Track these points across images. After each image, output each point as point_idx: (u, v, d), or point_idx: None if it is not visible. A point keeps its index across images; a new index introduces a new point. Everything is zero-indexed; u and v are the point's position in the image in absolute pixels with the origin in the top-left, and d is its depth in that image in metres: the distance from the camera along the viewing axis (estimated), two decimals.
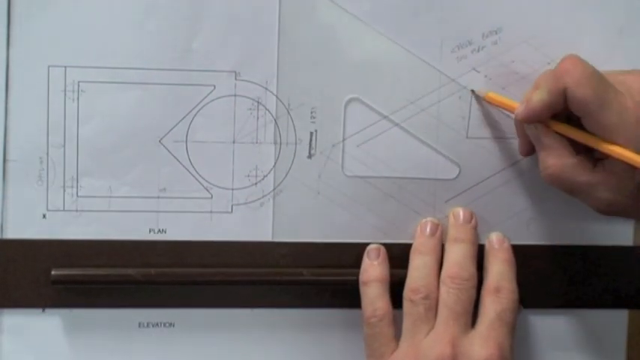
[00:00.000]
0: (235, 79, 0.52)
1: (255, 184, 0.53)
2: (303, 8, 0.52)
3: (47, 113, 0.51)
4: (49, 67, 0.51)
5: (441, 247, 0.53)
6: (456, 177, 0.54)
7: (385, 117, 0.54)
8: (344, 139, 0.53)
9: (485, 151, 0.54)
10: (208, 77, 0.52)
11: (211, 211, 0.53)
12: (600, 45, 0.55)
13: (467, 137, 0.54)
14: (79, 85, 0.51)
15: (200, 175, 0.53)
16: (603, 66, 0.54)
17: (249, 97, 0.53)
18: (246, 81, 0.52)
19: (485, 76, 0.54)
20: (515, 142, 0.54)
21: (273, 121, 0.53)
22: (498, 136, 0.54)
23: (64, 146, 0.51)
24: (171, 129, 0.52)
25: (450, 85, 0.54)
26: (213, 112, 0.52)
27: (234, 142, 0.53)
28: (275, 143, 0.53)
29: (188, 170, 0.53)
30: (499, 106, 0.53)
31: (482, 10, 0.53)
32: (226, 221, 0.53)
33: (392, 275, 0.52)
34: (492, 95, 0.53)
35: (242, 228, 0.53)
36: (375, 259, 0.53)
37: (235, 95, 0.52)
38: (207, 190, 0.53)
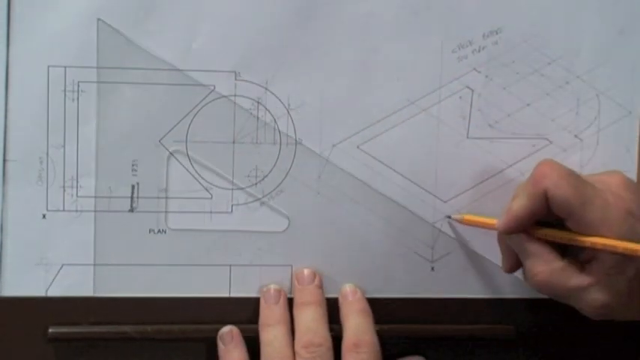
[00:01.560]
0: (235, 79, 0.52)
1: (255, 184, 0.53)
2: (302, 8, 0.52)
3: (47, 113, 0.51)
4: (49, 67, 0.51)
5: (288, 314, 0.52)
6: (456, 177, 0.54)
7: (385, 117, 0.54)
8: (344, 140, 0.53)
9: (486, 151, 0.54)
10: (208, 77, 0.52)
11: (211, 211, 0.53)
12: (600, 45, 0.55)
13: (467, 137, 0.54)
14: (79, 85, 0.51)
15: (200, 175, 0.53)
16: (603, 66, 0.54)
17: (249, 97, 0.52)
18: (246, 81, 0.52)
19: (486, 76, 0.54)
20: (515, 143, 0.54)
21: (273, 121, 0.53)
22: (499, 136, 0.54)
23: (64, 146, 0.51)
24: (172, 129, 0.52)
25: (451, 85, 0.54)
26: (213, 112, 0.52)
27: (234, 142, 0.53)
28: (275, 143, 0.53)
29: (188, 170, 0.52)
30: (478, 226, 0.53)
31: (483, 10, 0.53)
32: (226, 221, 0.53)
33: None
34: (469, 217, 0.53)
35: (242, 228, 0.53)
36: (229, 343, 0.52)
37: (235, 95, 0.52)
38: (207, 190, 0.53)
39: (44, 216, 0.52)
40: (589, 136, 0.55)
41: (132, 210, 0.52)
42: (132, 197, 0.52)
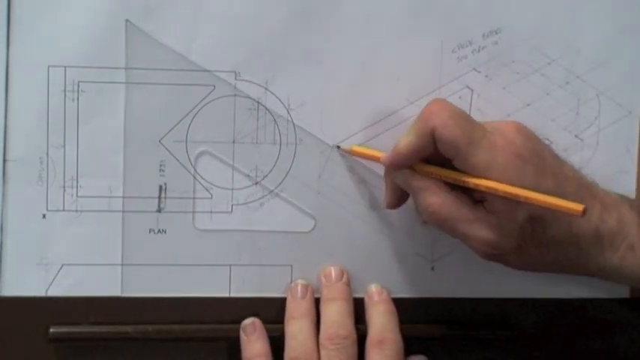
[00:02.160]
0: (235, 79, 0.52)
1: (255, 184, 0.53)
2: (302, 8, 0.52)
3: (47, 113, 0.51)
4: (49, 67, 0.51)
5: (315, 309, 0.52)
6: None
7: (385, 117, 0.54)
8: (344, 140, 0.53)
9: None
10: (208, 77, 0.52)
11: (211, 211, 0.53)
12: (600, 45, 0.55)
13: None
14: (79, 85, 0.51)
15: (200, 175, 0.53)
16: (603, 66, 0.54)
17: (249, 97, 0.52)
18: (246, 81, 0.52)
19: (486, 76, 0.54)
20: None
21: (273, 121, 0.53)
22: None
23: (64, 146, 0.51)
24: (172, 129, 0.52)
25: (451, 85, 0.54)
26: (213, 112, 0.52)
27: (234, 142, 0.53)
28: (275, 143, 0.53)
29: (188, 170, 0.52)
30: (365, 157, 0.52)
31: (483, 10, 0.53)
32: (226, 221, 0.53)
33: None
34: (357, 148, 0.52)
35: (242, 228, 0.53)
36: (252, 334, 0.52)
37: (235, 95, 0.52)
38: (207, 190, 0.53)
39: (44, 216, 0.52)
40: (589, 136, 0.55)
41: (132, 210, 0.52)
42: (132, 197, 0.52)
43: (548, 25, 0.54)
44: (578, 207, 0.45)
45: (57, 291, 0.52)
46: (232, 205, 0.53)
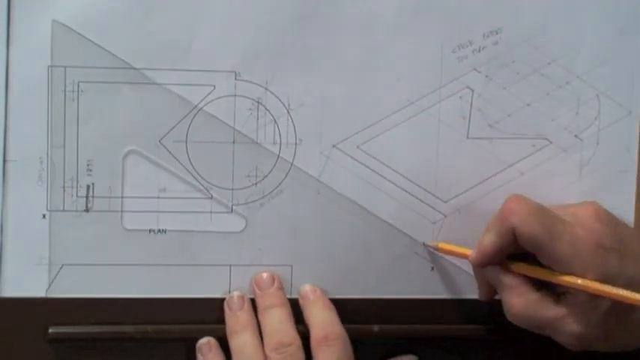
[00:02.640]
0: (235, 79, 0.52)
1: (255, 184, 0.53)
2: (302, 8, 0.52)
3: (47, 113, 0.51)
4: (49, 67, 0.51)
5: (255, 319, 0.52)
6: (456, 177, 0.54)
7: (385, 117, 0.54)
8: (344, 140, 0.53)
9: (486, 151, 0.54)
10: (208, 77, 0.52)
11: (211, 212, 0.53)
12: (600, 45, 0.55)
13: (467, 137, 0.54)
14: (79, 85, 0.51)
15: (200, 175, 0.53)
16: (603, 66, 0.54)
17: (249, 97, 0.52)
18: (246, 81, 0.52)
19: (486, 76, 0.54)
20: (515, 143, 0.54)
21: (273, 121, 0.53)
22: (499, 136, 0.54)
23: (64, 146, 0.51)
24: (172, 129, 0.52)
25: (451, 85, 0.54)
26: (213, 112, 0.52)
27: (234, 142, 0.53)
28: (275, 143, 0.53)
29: (188, 170, 0.52)
30: (452, 254, 0.53)
31: (483, 10, 0.53)
32: (226, 221, 0.53)
33: None
34: (444, 245, 0.53)
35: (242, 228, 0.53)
36: (207, 354, 0.52)
37: (235, 95, 0.52)
38: (207, 190, 0.53)
39: (44, 216, 0.52)
40: (589, 136, 0.55)
41: (132, 210, 0.52)
42: (132, 197, 0.52)
43: (548, 25, 0.54)
44: None
45: (57, 291, 0.52)
46: (232, 205, 0.53)
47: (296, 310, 0.53)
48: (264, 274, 0.53)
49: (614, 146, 0.55)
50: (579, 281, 0.47)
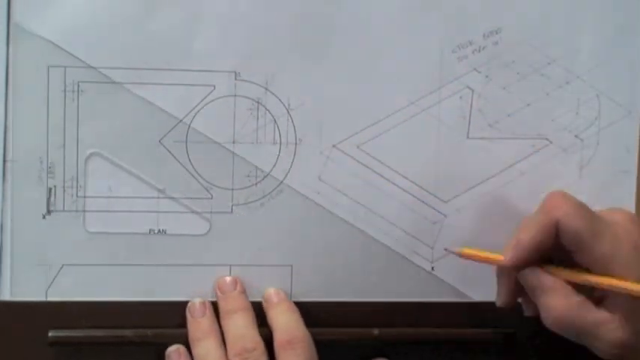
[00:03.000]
0: (235, 79, 0.52)
1: (256, 184, 0.53)
2: (302, 8, 0.52)
3: (47, 113, 0.51)
4: (49, 67, 0.51)
5: (217, 325, 0.51)
6: (456, 177, 0.54)
7: (385, 117, 0.54)
8: (344, 140, 0.53)
9: (486, 151, 0.54)
10: (208, 77, 0.52)
11: (211, 212, 0.53)
12: (600, 45, 0.55)
13: (467, 137, 0.54)
14: (79, 85, 0.51)
15: (200, 175, 0.53)
16: (603, 66, 0.54)
17: (249, 97, 0.52)
18: (246, 81, 0.52)
19: (486, 76, 0.54)
20: (515, 143, 0.54)
21: (273, 121, 0.53)
22: (499, 136, 0.54)
23: (64, 146, 0.51)
24: (172, 129, 0.52)
25: (451, 85, 0.54)
26: (213, 112, 0.52)
27: (234, 142, 0.53)
28: (275, 143, 0.53)
29: (188, 170, 0.52)
30: (478, 260, 0.51)
31: (483, 10, 0.53)
32: (226, 221, 0.53)
33: None
34: (468, 251, 0.51)
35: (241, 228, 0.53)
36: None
37: (235, 95, 0.52)
38: (207, 190, 0.53)
39: (44, 216, 0.52)
40: (589, 136, 0.55)
41: (132, 210, 0.52)
42: (132, 197, 0.52)
43: (548, 25, 0.54)
44: None
45: (57, 291, 0.52)
46: (232, 205, 0.53)
47: (259, 313, 0.52)
48: (227, 278, 0.53)
49: (614, 146, 0.55)
50: (622, 284, 0.46)
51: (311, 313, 0.54)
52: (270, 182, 0.53)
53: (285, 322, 0.51)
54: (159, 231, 0.53)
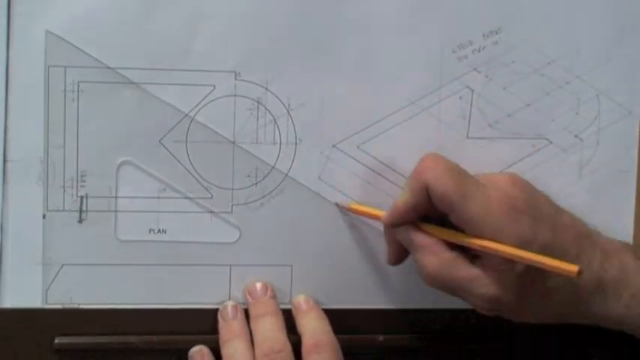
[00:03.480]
0: (235, 79, 0.52)
1: (256, 184, 0.53)
2: (302, 8, 0.52)
3: (47, 113, 0.51)
4: (49, 67, 0.51)
5: (247, 328, 0.52)
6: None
7: (385, 117, 0.54)
8: (344, 140, 0.53)
9: (486, 151, 0.54)
10: (208, 77, 0.52)
11: (211, 211, 0.53)
12: (600, 45, 0.55)
13: (467, 137, 0.54)
14: (79, 85, 0.51)
15: (200, 175, 0.53)
16: (603, 66, 0.54)
17: (249, 97, 0.52)
18: (246, 81, 0.52)
19: (486, 76, 0.54)
20: (515, 143, 0.54)
21: (273, 121, 0.53)
22: (499, 136, 0.54)
23: (64, 146, 0.51)
24: (172, 129, 0.52)
25: (451, 85, 0.54)
26: (213, 112, 0.52)
27: (234, 142, 0.53)
28: (275, 143, 0.53)
29: (188, 170, 0.52)
30: (364, 215, 0.53)
31: (483, 10, 0.53)
32: (226, 221, 0.53)
33: None
34: (355, 206, 0.53)
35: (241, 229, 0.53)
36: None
37: (235, 95, 0.52)
38: (207, 190, 0.53)
39: (44, 216, 0.52)
40: (589, 136, 0.55)
41: (132, 210, 0.52)
42: (132, 197, 0.52)
43: (548, 25, 0.54)
44: (572, 268, 0.45)
45: (57, 291, 0.52)
46: (232, 205, 0.53)
47: (289, 321, 0.52)
48: (258, 284, 0.53)
49: (614, 146, 0.55)
50: (491, 245, 0.47)
51: None
52: (270, 182, 0.53)
53: (313, 327, 0.51)
54: (159, 231, 0.53)
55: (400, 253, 0.52)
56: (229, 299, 0.53)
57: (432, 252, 0.49)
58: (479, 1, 0.53)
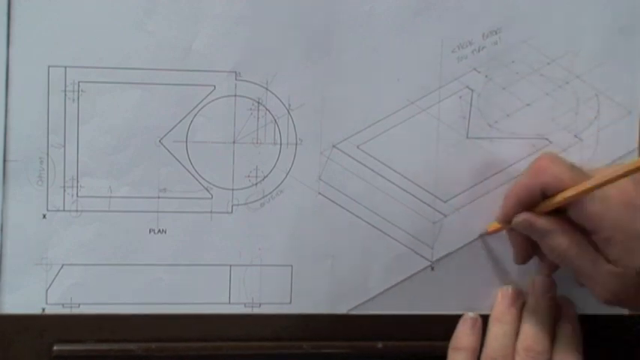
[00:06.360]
0: (235, 79, 0.52)
1: (256, 184, 0.53)
2: (303, 8, 0.52)
3: (47, 113, 0.51)
4: (49, 67, 0.51)
5: (520, 317, 0.53)
6: (456, 177, 0.54)
7: (385, 117, 0.54)
8: (344, 140, 0.53)
9: (486, 151, 0.54)
10: (208, 77, 0.52)
11: (211, 212, 0.53)
12: (600, 45, 0.55)
13: (467, 137, 0.54)
14: (79, 85, 0.51)
15: (200, 175, 0.53)
16: (603, 66, 0.54)
17: (249, 97, 0.53)
18: (246, 81, 0.52)
19: (486, 76, 0.54)
20: (515, 143, 0.54)
21: (273, 121, 0.53)
22: (498, 136, 0.54)
23: (64, 146, 0.51)
24: (172, 129, 0.52)
25: (451, 85, 0.54)
26: (213, 112, 0.52)
27: (234, 142, 0.53)
28: (275, 143, 0.53)
29: (188, 170, 0.53)
30: (495, 231, 0.54)
31: (483, 10, 0.54)
32: (226, 221, 0.53)
33: None
34: (491, 228, 0.54)
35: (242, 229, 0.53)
36: (470, 328, 0.54)
37: (235, 95, 0.52)
38: (207, 190, 0.53)
39: (44, 216, 0.52)
40: (589, 136, 0.55)
41: (132, 210, 0.52)
42: (132, 197, 0.52)
43: (548, 25, 0.54)
44: None
45: (57, 291, 0.52)
46: (232, 205, 0.53)
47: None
48: (545, 280, 0.54)
49: (614, 146, 0.55)
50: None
51: (314, 325, 0.54)
52: (271, 182, 0.53)
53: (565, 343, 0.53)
54: (159, 231, 0.53)
55: (527, 250, 0.53)
56: (229, 299, 0.53)
57: (562, 231, 0.49)
58: (479, 1, 0.53)
